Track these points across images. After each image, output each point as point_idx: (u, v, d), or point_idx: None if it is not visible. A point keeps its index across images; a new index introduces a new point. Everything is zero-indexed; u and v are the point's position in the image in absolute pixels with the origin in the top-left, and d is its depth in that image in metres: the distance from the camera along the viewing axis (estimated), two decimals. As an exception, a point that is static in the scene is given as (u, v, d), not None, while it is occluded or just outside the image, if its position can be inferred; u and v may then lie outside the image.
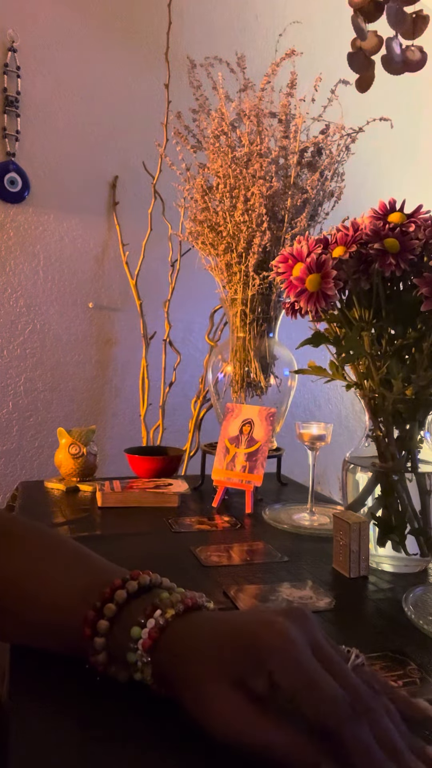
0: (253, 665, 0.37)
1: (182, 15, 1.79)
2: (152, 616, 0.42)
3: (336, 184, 1.10)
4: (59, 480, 1.09)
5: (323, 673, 0.35)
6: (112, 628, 0.43)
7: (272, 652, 0.36)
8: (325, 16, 2.00)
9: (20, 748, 0.38)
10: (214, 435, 1.11)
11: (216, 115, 1.09)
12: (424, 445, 0.72)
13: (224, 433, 0.99)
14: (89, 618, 0.43)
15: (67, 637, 0.45)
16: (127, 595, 0.44)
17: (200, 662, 0.39)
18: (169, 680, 0.40)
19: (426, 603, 0.61)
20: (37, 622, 0.48)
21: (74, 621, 0.44)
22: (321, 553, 0.76)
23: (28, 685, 0.45)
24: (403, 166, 2.26)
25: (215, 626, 0.41)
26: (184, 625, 0.41)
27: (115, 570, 0.48)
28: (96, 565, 0.50)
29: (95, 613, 0.43)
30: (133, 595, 0.44)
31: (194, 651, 0.40)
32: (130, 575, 0.46)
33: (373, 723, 0.34)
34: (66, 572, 0.49)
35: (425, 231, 0.66)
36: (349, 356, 0.70)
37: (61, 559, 0.51)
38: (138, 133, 1.78)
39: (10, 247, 1.65)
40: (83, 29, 1.71)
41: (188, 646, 0.40)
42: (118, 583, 0.45)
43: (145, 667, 0.41)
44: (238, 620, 0.41)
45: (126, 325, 1.81)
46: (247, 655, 0.37)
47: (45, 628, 0.47)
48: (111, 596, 0.44)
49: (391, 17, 1.24)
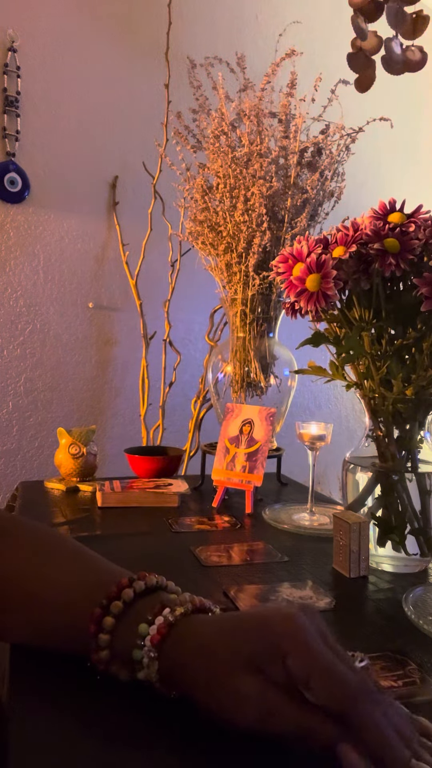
0: (268, 652, 0.37)
1: (182, 15, 1.79)
2: (161, 613, 0.42)
3: (336, 184, 1.10)
4: (59, 480, 1.09)
5: (334, 658, 0.36)
6: (118, 625, 0.43)
7: (285, 637, 0.37)
8: (325, 16, 2.00)
9: (20, 748, 0.38)
10: (214, 435, 1.11)
11: (216, 115, 1.09)
12: (424, 445, 0.72)
13: (224, 433, 0.99)
14: (95, 615, 0.43)
15: (71, 635, 0.45)
16: (135, 594, 0.44)
17: (214, 654, 0.39)
18: (178, 675, 0.40)
19: (426, 603, 0.61)
20: (40, 621, 0.48)
21: (78, 618, 0.44)
22: (321, 553, 0.76)
23: (28, 685, 0.45)
24: (403, 166, 2.26)
25: (227, 622, 0.41)
26: (194, 623, 0.42)
27: (120, 570, 0.49)
28: (100, 565, 0.50)
29: (101, 610, 0.43)
30: (140, 595, 0.44)
31: (206, 645, 0.40)
32: (137, 576, 0.46)
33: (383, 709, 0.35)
34: (70, 571, 0.49)
35: (425, 231, 0.66)
36: (349, 356, 0.70)
37: (64, 558, 0.51)
38: (138, 133, 1.78)
39: (10, 247, 1.65)
40: (83, 29, 1.71)
41: (199, 641, 0.40)
42: (125, 582, 0.45)
43: (152, 663, 0.41)
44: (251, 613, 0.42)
45: (126, 325, 1.81)
46: (261, 642, 0.38)
47: (48, 627, 0.47)
48: (118, 594, 0.44)
49: (391, 17, 1.24)
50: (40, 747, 0.38)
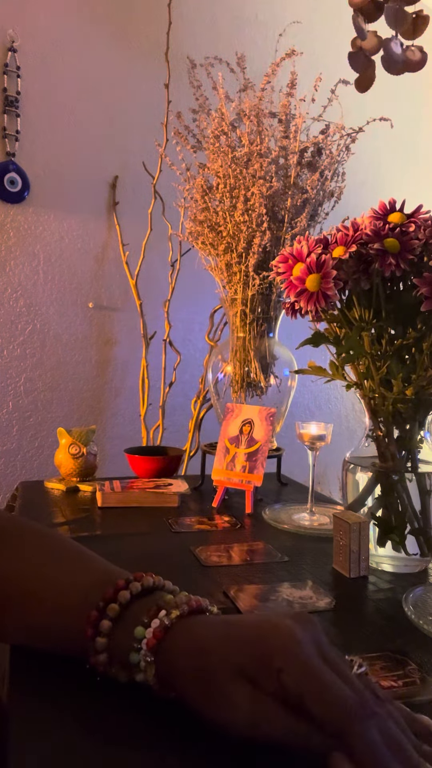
0: (261, 665, 0.37)
1: (182, 15, 1.79)
2: (156, 616, 0.42)
3: (336, 184, 1.10)
4: (59, 480, 1.09)
5: (331, 675, 0.36)
6: (115, 628, 0.43)
7: (279, 652, 0.37)
8: (325, 16, 2.00)
9: (20, 748, 0.38)
10: (214, 435, 1.11)
11: (216, 115, 1.09)
12: (424, 445, 0.72)
13: (224, 433, 0.99)
14: (92, 618, 0.43)
15: (69, 638, 0.45)
16: (131, 596, 0.44)
17: (208, 660, 0.39)
18: (174, 680, 0.40)
19: (426, 603, 0.61)
20: (38, 623, 0.47)
21: (76, 621, 0.44)
22: (321, 553, 0.76)
23: (28, 685, 0.45)
24: (403, 166, 2.26)
25: (221, 628, 0.41)
26: (190, 626, 0.41)
27: (117, 571, 0.48)
28: (98, 566, 0.50)
29: (98, 613, 0.43)
30: (137, 597, 0.44)
31: (201, 650, 0.39)
32: (133, 576, 0.45)
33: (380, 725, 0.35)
34: (68, 573, 0.49)
35: (425, 231, 0.66)
36: (349, 356, 0.70)
37: (62, 559, 0.50)
38: (138, 133, 1.78)
39: (10, 247, 1.65)
40: (83, 29, 1.71)
41: (195, 645, 0.40)
42: (121, 584, 0.44)
43: (149, 667, 0.41)
44: (245, 621, 0.41)
45: (126, 325, 1.81)
46: (255, 655, 0.37)
47: (46, 629, 0.47)
48: (114, 597, 0.44)
49: (390, 17, 1.24)
50: (40, 747, 0.38)
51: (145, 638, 0.41)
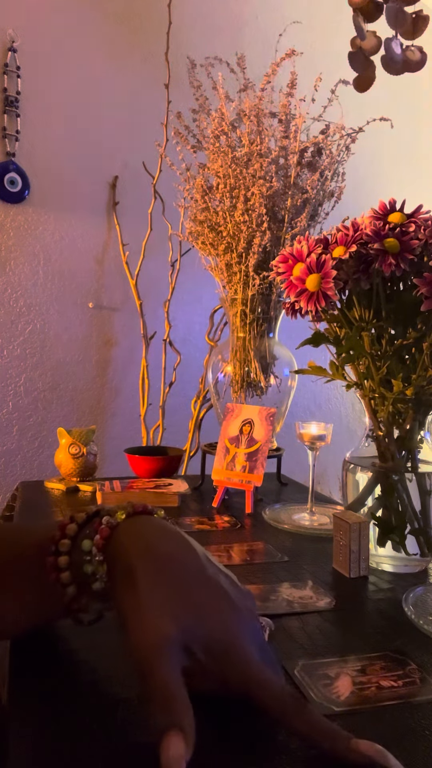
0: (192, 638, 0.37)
1: (182, 15, 1.79)
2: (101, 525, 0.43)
3: (336, 184, 1.10)
4: (59, 480, 1.09)
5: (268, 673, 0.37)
6: (71, 558, 0.43)
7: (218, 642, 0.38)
8: (325, 16, 2.00)
9: (20, 749, 0.38)
10: (214, 435, 1.11)
11: (216, 115, 1.09)
12: (424, 445, 0.72)
13: (224, 433, 0.99)
14: (49, 563, 0.44)
15: (46, 600, 0.45)
16: (78, 526, 0.44)
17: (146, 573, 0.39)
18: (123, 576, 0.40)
19: (426, 603, 0.61)
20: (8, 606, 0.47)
21: (43, 579, 0.44)
22: (321, 553, 0.76)
23: (28, 686, 0.45)
24: (403, 166, 2.26)
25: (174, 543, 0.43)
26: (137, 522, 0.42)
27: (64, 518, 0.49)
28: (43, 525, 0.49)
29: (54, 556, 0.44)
30: (83, 525, 0.45)
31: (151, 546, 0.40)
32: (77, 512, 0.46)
33: None
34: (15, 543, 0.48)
35: (425, 231, 0.66)
36: (349, 356, 0.70)
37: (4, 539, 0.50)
38: (138, 133, 1.78)
39: (10, 247, 1.65)
40: (83, 29, 1.70)
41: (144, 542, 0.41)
42: (66, 522, 0.45)
43: (100, 567, 0.41)
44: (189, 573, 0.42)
45: (126, 325, 1.81)
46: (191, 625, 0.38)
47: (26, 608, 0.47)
48: (63, 535, 0.44)
49: (390, 17, 1.24)
50: (40, 748, 0.38)
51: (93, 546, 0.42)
